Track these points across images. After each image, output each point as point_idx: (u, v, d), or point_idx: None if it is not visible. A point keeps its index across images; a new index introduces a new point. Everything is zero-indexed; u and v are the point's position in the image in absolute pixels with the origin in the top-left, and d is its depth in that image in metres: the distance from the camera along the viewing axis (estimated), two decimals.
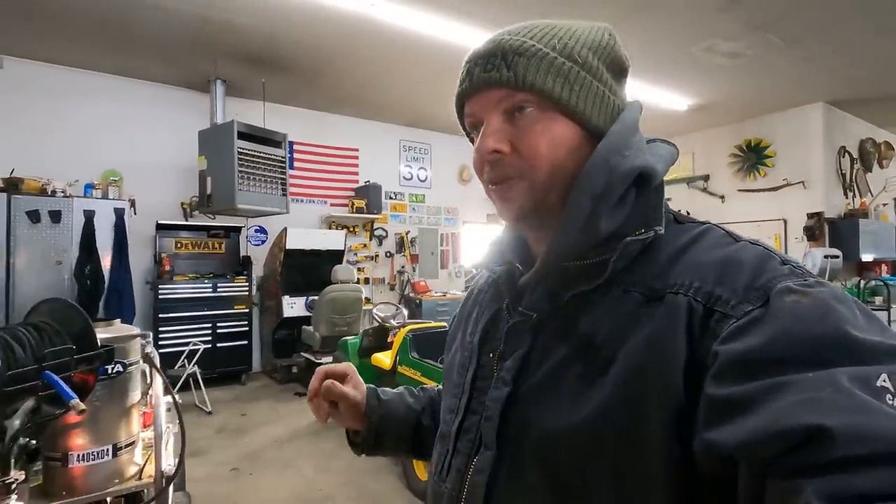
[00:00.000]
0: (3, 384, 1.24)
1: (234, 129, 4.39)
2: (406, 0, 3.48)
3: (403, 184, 6.81)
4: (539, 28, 0.54)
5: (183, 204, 5.17)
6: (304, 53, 4.39)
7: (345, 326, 4.58)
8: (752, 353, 0.39)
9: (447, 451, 0.60)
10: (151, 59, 4.54)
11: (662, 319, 0.45)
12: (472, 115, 0.56)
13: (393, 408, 0.77)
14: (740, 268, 0.46)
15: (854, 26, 3.86)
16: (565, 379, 0.50)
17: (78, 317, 1.57)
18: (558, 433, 0.49)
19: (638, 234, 0.50)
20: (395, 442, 0.77)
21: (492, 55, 0.53)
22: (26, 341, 1.40)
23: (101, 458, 1.88)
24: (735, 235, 0.51)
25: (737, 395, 0.38)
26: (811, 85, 5.15)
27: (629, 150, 0.51)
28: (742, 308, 0.42)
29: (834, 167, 5.90)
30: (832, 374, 0.35)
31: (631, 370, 0.45)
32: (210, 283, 4.88)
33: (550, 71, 0.51)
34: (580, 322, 0.51)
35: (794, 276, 0.44)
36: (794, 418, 0.33)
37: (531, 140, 0.52)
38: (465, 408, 0.59)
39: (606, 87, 0.54)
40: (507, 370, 0.55)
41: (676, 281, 0.47)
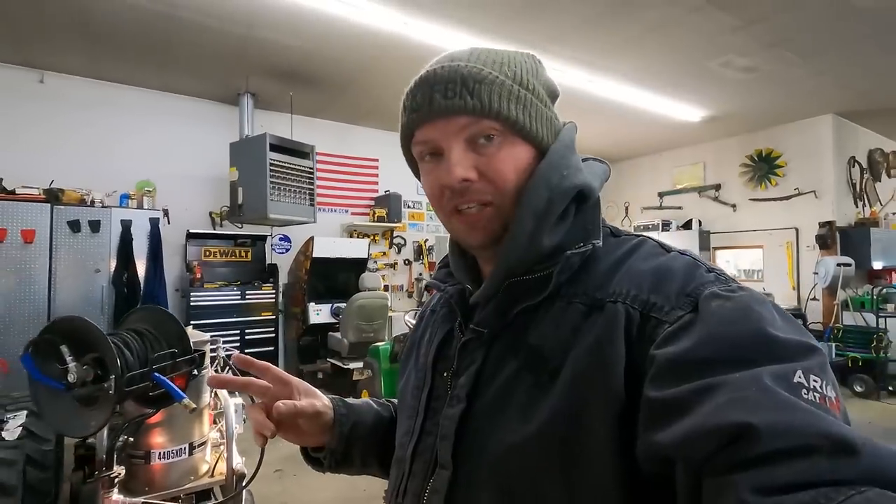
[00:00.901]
0: (123, 384, 1.38)
1: (266, 141, 4.54)
2: (436, 18, 3.64)
3: (421, 193, 6.95)
4: (486, 55, 0.55)
5: (212, 213, 5.32)
6: (334, 69, 4.55)
7: (371, 333, 4.70)
8: (684, 356, 0.41)
9: (402, 475, 0.60)
10: (186, 75, 4.71)
11: (603, 327, 0.48)
12: (428, 142, 0.55)
13: (363, 416, 0.72)
14: (672, 276, 0.49)
15: (864, 42, 4.01)
16: (516, 393, 0.51)
17: (173, 323, 1.71)
18: (510, 448, 0.49)
19: (577, 248, 0.52)
20: (364, 453, 0.71)
21: (450, 81, 0.53)
22: (133, 346, 1.54)
23: (179, 455, 2.02)
24: (666, 247, 0.54)
25: (672, 396, 0.40)
26: (822, 97, 5.30)
27: (567, 169, 0.54)
28: (675, 313, 0.45)
29: (844, 177, 6.03)
30: (756, 374, 0.37)
31: (576, 377, 0.47)
32: (239, 290, 5.01)
33: (511, 98, 0.53)
34: (529, 335, 0.53)
35: (719, 282, 0.47)
36: (723, 417, 0.35)
37: (499, 167, 0.53)
38: (420, 429, 0.59)
39: (549, 110, 0.57)
40: (461, 387, 0.55)
41: (615, 290, 0.50)
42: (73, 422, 1.43)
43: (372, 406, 0.76)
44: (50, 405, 1.47)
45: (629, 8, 3.44)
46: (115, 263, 4.32)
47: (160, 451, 1.95)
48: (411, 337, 0.73)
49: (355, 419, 0.70)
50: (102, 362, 1.49)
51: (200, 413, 2.13)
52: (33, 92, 4.53)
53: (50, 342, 1.45)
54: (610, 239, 0.56)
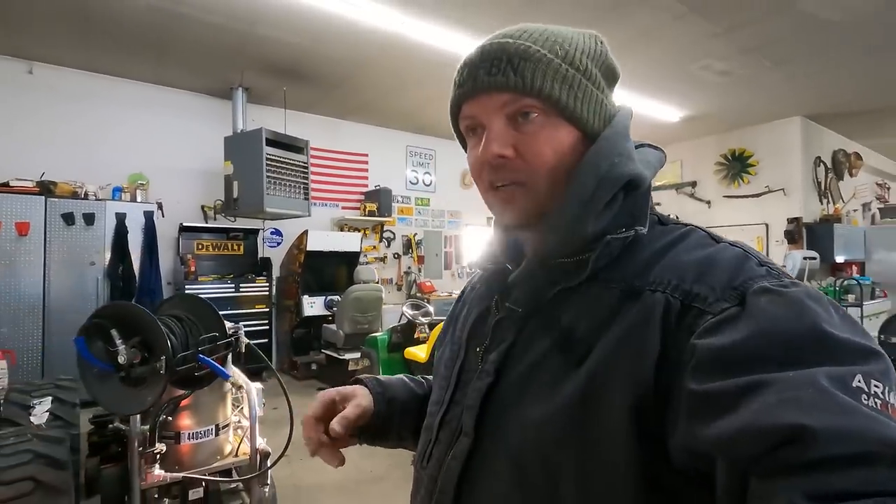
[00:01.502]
0: (175, 364, 1.50)
1: (262, 136, 4.59)
2: (434, 18, 3.76)
3: (410, 188, 7.07)
4: (538, 33, 0.54)
5: (204, 207, 5.33)
6: (331, 65, 4.62)
7: (366, 324, 4.82)
8: (730, 350, 0.40)
9: (430, 441, 0.62)
10: (181, 69, 4.71)
11: (639, 315, 0.47)
12: (472, 118, 0.55)
13: (397, 392, 0.75)
14: (719, 267, 0.47)
15: (829, 51, 4.31)
16: (544, 371, 0.51)
17: (209, 310, 1.82)
18: (531, 423, 0.50)
19: (619, 233, 0.51)
20: (400, 427, 0.74)
21: (496, 58, 0.53)
22: (176, 330, 1.66)
23: (207, 436, 2.14)
24: (716, 237, 0.53)
25: (717, 390, 0.38)
26: (791, 100, 5.63)
27: (619, 157, 0.52)
28: (719, 305, 0.43)
29: (811, 176, 6.41)
30: (812, 374, 0.35)
31: (603, 361, 0.47)
32: (233, 283, 5.05)
33: (556, 77, 0.52)
34: (562, 317, 0.52)
35: (770, 276, 0.45)
36: (776, 417, 0.34)
37: (537, 146, 0.52)
38: (450, 399, 0.61)
39: (603, 93, 0.55)
40: (491, 362, 0.56)
41: (656, 279, 0.48)
42: (125, 400, 1.53)
43: (406, 382, 0.78)
44: (99, 386, 1.57)
45: (618, 14, 3.63)
46: (109, 256, 4.32)
47: (189, 431, 2.06)
48: (451, 311, 0.75)
49: (390, 395, 0.73)
50: (148, 345, 1.59)
51: (224, 396, 2.24)
52: (22, 83, 4.47)
53: (100, 326, 1.55)
54: (657, 227, 0.55)
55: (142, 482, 1.81)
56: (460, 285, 7.38)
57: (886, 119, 6.35)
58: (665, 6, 3.50)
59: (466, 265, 7.66)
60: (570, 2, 3.50)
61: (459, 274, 7.58)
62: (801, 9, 3.55)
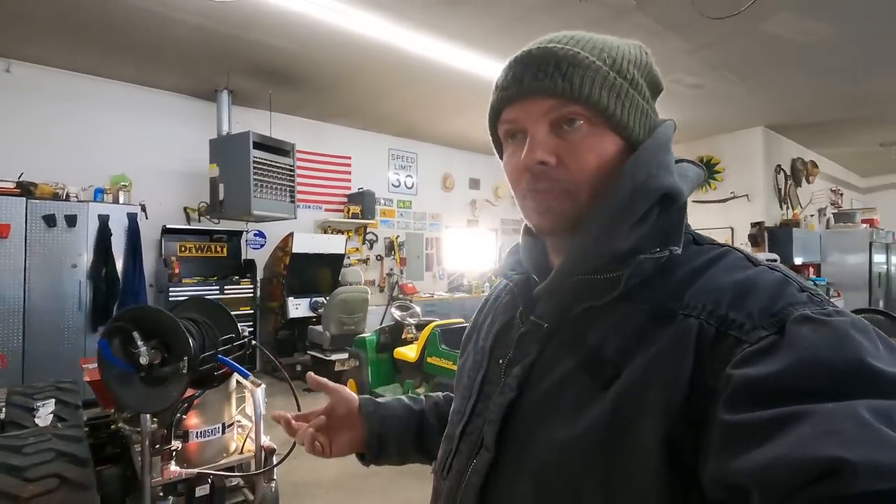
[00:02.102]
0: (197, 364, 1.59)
1: (249, 139, 4.62)
2: (423, 29, 3.89)
3: (392, 190, 7.17)
4: (585, 40, 0.53)
5: (187, 209, 5.31)
6: (317, 70, 4.69)
7: (353, 325, 4.90)
8: (767, 380, 0.38)
9: (450, 451, 0.61)
10: (165, 70, 4.69)
11: (671, 340, 0.45)
12: (514, 122, 0.54)
13: (391, 411, 0.77)
14: (756, 292, 0.45)
15: (790, 67, 4.64)
16: (569, 391, 0.50)
17: (223, 312, 1.91)
18: (554, 444, 0.49)
19: (653, 253, 0.49)
20: (399, 444, 0.76)
21: (543, 62, 0.51)
22: (193, 332, 1.75)
23: (214, 435, 2.21)
24: (754, 259, 0.50)
25: (752, 421, 0.37)
26: (754, 112, 5.99)
27: (657, 169, 0.51)
28: (757, 333, 0.42)
29: (772, 182, 6.82)
30: (852, 407, 0.34)
31: (632, 388, 0.45)
32: (217, 285, 5.05)
33: (604, 85, 0.50)
34: (589, 335, 0.51)
35: (811, 303, 0.43)
36: (814, 450, 0.32)
37: (581, 155, 0.51)
38: (472, 410, 0.60)
39: (648, 104, 0.54)
40: (514, 377, 0.55)
41: (690, 302, 0.46)
42: (148, 399, 1.60)
43: (402, 401, 0.81)
44: (120, 386, 1.63)
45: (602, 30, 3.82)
46: (92, 258, 4.27)
47: (197, 430, 2.13)
48: (475, 319, 0.74)
49: (384, 414, 0.76)
50: (168, 346, 1.67)
51: (229, 396, 2.31)
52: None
53: (122, 329, 1.61)
54: (691, 246, 0.53)
55: (153, 480, 1.88)
56: (441, 287, 7.56)
57: (838, 130, 6.81)
58: (644, 25, 3.72)
59: (449, 268, 7.80)
60: (553, 17, 3.69)
61: (440, 276, 7.72)
62: (764, 30, 3.83)
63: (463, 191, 7.98)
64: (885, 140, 7.36)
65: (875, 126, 6.62)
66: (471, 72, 4.57)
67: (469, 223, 8.09)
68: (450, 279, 7.79)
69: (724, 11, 2.96)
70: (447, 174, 7.74)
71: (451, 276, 7.81)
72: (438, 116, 6.23)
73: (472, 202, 8.08)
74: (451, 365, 3.21)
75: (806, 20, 3.65)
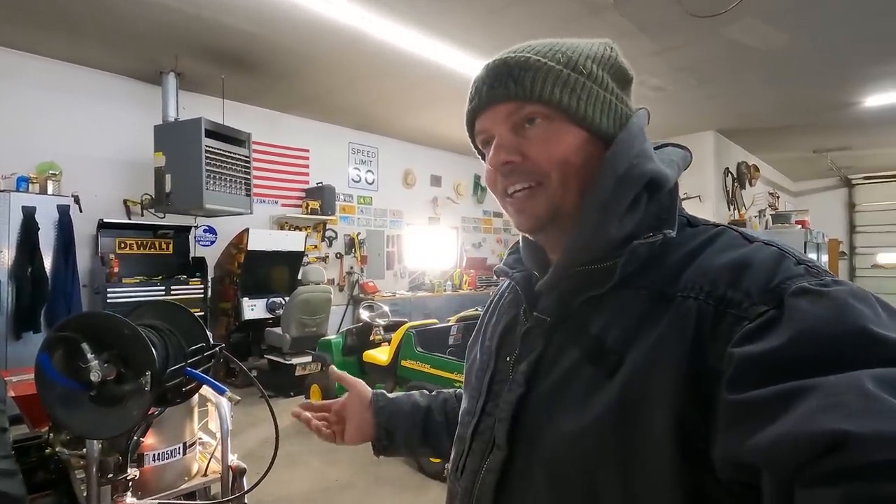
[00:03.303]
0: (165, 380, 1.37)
1: (201, 126, 4.25)
2: (398, 17, 3.70)
3: (352, 185, 6.90)
4: (542, 45, 0.56)
5: (128, 201, 4.83)
6: (276, 55, 4.38)
7: (314, 327, 4.64)
8: (769, 356, 0.38)
9: (463, 452, 0.62)
10: (101, 47, 4.22)
11: (671, 323, 0.45)
12: (484, 132, 0.58)
13: (400, 405, 0.81)
14: (753, 269, 0.45)
15: (745, 74, 4.83)
16: (576, 382, 0.51)
17: (189, 318, 1.68)
18: (566, 436, 0.49)
19: (646, 238, 0.50)
20: (406, 438, 0.80)
21: (498, 73, 0.55)
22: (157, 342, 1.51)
23: (173, 456, 1.96)
24: (749, 236, 0.50)
25: (757, 399, 0.37)
26: (708, 116, 6.24)
27: (637, 158, 0.52)
28: (756, 309, 0.42)
29: (721, 185, 7.14)
30: (856, 377, 0.34)
31: (636, 374, 0.46)
32: (163, 285, 4.63)
33: (557, 82, 0.53)
34: (591, 325, 0.52)
35: (809, 275, 0.43)
36: (817, 424, 0.32)
37: (544, 147, 0.53)
38: (482, 410, 0.61)
39: (612, 94, 0.55)
40: (521, 373, 0.56)
41: (687, 284, 0.47)
42: (101, 422, 1.35)
43: (412, 397, 0.85)
44: (65, 408, 1.37)
45: (576, 27, 3.80)
46: (14, 255, 3.77)
47: (154, 452, 1.87)
48: (480, 320, 0.76)
49: (392, 409, 0.81)
50: (125, 359, 1.43)
51: (191, 411, 2.05)
52: None
53: (67, 340, 1.36)
54: (686, 229, 0.54)
55: None
56: (403, 286, 7.38)
57: (779, 136, 7.23)
58: (617, 24, 3.72)
59: (410, 265, 7.63)
60: (530, 12, 3.61)
61: (402, 274, 7.54)
62: (728, 36, 3.94)
63: (424, 188, 7.83)
64: (818, 147, 7.91)
65: (811, 133, 7.08)
66: (444, 65, 4.42)
67: (431, 220, 7.96)
68: (411, 278, 7.62)
69: (710, 10, 2.98)
70: (409, 170, 7.56)
71: (412, 274, 7.65)
72: (402, 111, 6.04)
73: (433, 199, 7.94)
74: (428, 368, 3.06)
75: (768, 27, 3.78)
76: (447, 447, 0.79)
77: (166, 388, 1.44)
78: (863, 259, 10.50)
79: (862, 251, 10.48)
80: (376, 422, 0.80)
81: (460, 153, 8.14)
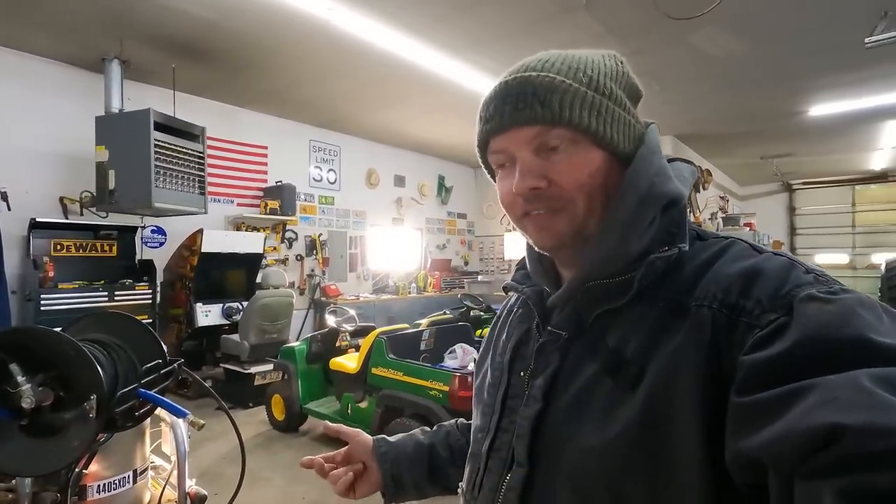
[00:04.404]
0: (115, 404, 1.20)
1: (150, 118, 3.92)
2: (366, 10, 3.55)
3: (313, 185, 6.65)
4: (560, 61, 0.55)
5: (64, 199, 4.41)
6: (233, 44, 4.12)
7: (275, 333, 4.40)
8: (775, 360, 0.39)
9: (478, 470, 0.61)
10: (33, 29, 3.83)
11: (689, 333, 0.46)
12: (502, 152, 0.57)
13: (402, 448, 0.79)
14: (764, 278, 0.46)
15: (704, 81, 5.00)
16: (596, 396, 0.51)
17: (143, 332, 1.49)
18: (589, 451, 0.49)
19: (662, 252, 0.51)
20: (414, 481, 0.78)
21: (522, 93, 0.53)
22: (104, 360, 1.33)
23: (122, 486, 1.75)
24: (759, 248, 0.52)
25: (762, 400, 0.38)
26: (668, 121, 6.42)
27: (657, 176, 0.54)
28: (767, 317, 0.43)
29: None
30: (854, 375, 0.35)
31: (659, 386, 0.46)
32: (105, 290, 4.25)
33: (584, 105, 0.52)
34: (608, 338, 0.52)
35: (818, 283, 0.44)
36: (815, 418, 0.33)
37: (570, 174, 0.53)
38: (497, 426, 0.60)
39: (629, 114, 0.56)
40: (538, 388, 0.56)
41: (701, 294, 0.48)
42: (35, 456, 1.15)
43: (414, 436, 0.83)
44: None
45: (545, 27, 3.78)
46: None
47: (99, 483, 1.64)
48: (488, 336, 0.74)
49: (395, 454, 0.78)
50: (65, 381, 1.23)
51: (143, 433, 1.83)
52: None
53: None
54: (697, 242, 0.55)
55: None
56: (366, 288, 7.18)
57: (729, 142, 7.57)
58: (586, 26, 3.72)
59: (374, 267, 7.44)
60: (501, 11, 3.55)
61: (365, 276, 7.33)
62: (692, 42, 4.04)
63: (388, 188, 7.66)
64: (765, 153, 8.34)
65: (759, 140, 7.45)
66: (411, 61, 4.30)
67: (394, 221, 7.80)
68: (375, 280, 7.43)
69: (685, 13, 3.01)
70: (372, 170, 7.37)
71: (376, 276, 7.46)
72: (366, 108, 5.86)
73: (397, 200, 7.78)
74: (401, 376, 2.92)
75: (729, 35, 3.89)
76: (455, 482, 0.77)
77: (115, 414, 1.26)
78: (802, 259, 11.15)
79: (802, 252, 11.15)
80: (381, 468, 0.77)
81: (425, 153, 8.03)
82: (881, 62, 4.40)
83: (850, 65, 4.54)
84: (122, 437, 1.70)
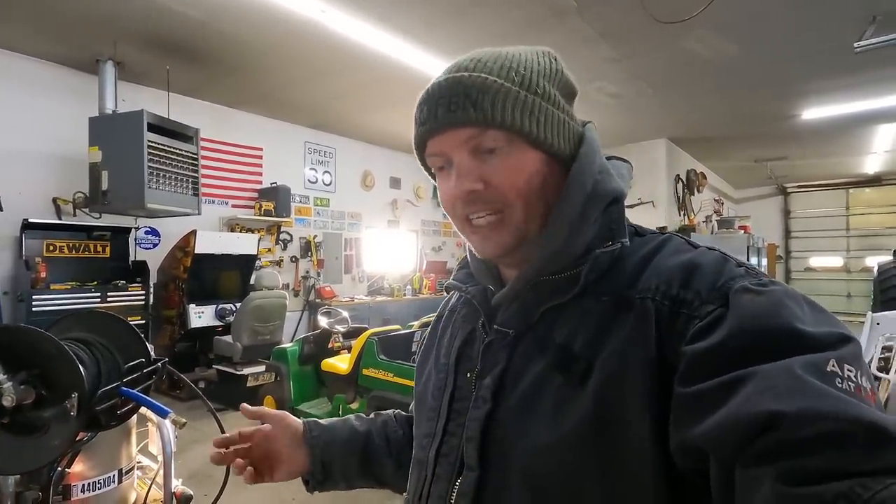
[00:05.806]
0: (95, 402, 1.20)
1: (143, 119, 3.93)
2: (358, 12, 3.57)
3: (308, 186, 6.65)
4: (492, 60, 0.54)
5: (58, 200, 4.41)
6: (227, 45, 4.13)
7: (268, 335, 4.40)
8: (713, 350, 0.41)
9: (425, 477, 0.59)
10: (26, 29, 3.83)
11: (634, 325, 0.47)
12: (440, 155, 0.56)
13: (336, 433, 0.75)
14: (702, 271, 0.48)
15: (697, 84, 5.02)
16: (545, 392, 0.50)
17: (125, 330, 1.49)
18: (542, 449, 0.49)
19: (606, 247, 0.52)
20: (345, 469, 0.74)
21: (454, 94, 0.52)
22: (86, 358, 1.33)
23: (107, 485, 1.75)
24: (693, 243, 0.54)
25: (701, 390, 0.40)
26: (661, 124, 6.45)
27: (600, 174, 0.54)
28: (705, 308, 0.44)
29: (672, 191, 7.41)
30: (787, 364, 0.37)
31: (608, 377, 0.46)
32: (98, 292, 4.25)
33: (517, 106, 0.51)
34: (556, 334, 0.52)
35: (749, 276, 0.46)
36: (754, 406, 0.35)
37: (506, 176, 0.53)
38: (443, 430, 0.58)
39: (564, 113, 0.56)
40: (486, 388, 0.55)
41: (644, 286, 0.49)
42: (16, 454, 1.15)
43: (348, 422, 0.79)
44: None
45: (537, 29, 3.80)
46: None
47: (83, 482, 1.64)
48: (429, 336, 0.72)
49: (328, 438, 0.74)
50: (46, 379, 1.23)
51: (128, 433, 1.84)
52: None
53: None
54: (636, 238, 0.56)
55: None
56: (361, 290, 7.18)
57: (724, 145, 7.60)
58: (578, 28, 3.75)
59: (369, 269, 7.44)
60: (492, 14, 3.57)
61: (360, 278, 7.33)
62: (684, 46, 4.06)
63: (383, 190, 7.66)
64: (759, 156, 8.38)
65: (753, 143, 7.48)
66: (405, 63, 4.31)
67: (390, 223, 7.80)
68: (370, 282, 7.43)
69: (675, 16, 3.03)
70: (367, 172, 7.38)
71: (371, 278, 7.46)
72: (361, 109, 5.87)
73: (392, 202, 7.79)
74: (392, 377, 2.93)
75: (720, 39, 3.92)
76: (389, 474, 0.77)
77: (97, 412, 1.26)
78: (797, 262, 11.24)
79: (796, 255, 11.22)
80: (311, 453, 0.73)
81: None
82: (871, 66, 4.44)
83: (840, 69, 4.57)
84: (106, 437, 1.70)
